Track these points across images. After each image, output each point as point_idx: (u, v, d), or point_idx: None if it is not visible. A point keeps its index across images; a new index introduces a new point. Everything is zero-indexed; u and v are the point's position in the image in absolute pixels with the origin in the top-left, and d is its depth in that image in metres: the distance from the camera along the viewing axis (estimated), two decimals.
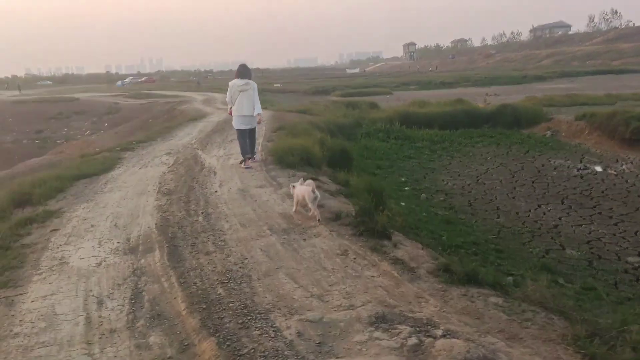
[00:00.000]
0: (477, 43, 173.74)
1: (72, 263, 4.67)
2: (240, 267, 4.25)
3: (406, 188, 10.81)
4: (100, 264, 4.60)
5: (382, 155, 14.18)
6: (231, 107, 8.73)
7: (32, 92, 64.41)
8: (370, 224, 4.88)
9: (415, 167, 13.29)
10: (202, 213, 5.94)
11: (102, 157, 10.28)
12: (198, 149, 10.99)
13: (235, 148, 10.31)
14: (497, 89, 41.35)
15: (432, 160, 14.08)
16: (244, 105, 8.53)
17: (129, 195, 7.11)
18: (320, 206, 5.64)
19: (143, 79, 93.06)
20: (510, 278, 4.81)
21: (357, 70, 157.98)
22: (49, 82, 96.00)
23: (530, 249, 7.03)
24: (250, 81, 8.65)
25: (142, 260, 4.62)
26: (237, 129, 8.75)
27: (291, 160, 8.33)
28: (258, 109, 8.57)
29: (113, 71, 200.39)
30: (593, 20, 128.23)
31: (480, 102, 22.68)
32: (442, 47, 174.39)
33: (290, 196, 5.88)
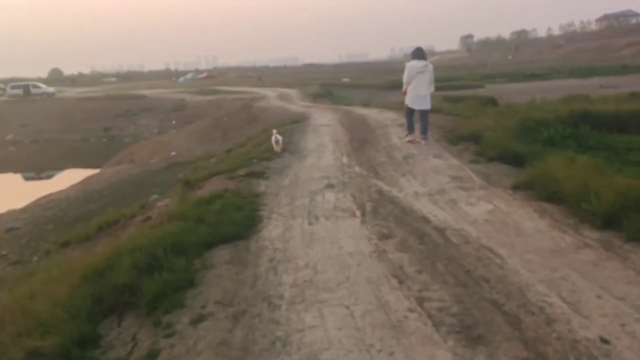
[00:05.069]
0: (541, 33, 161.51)
1: None
2: None
3: None
4: None
5: None
6: (406, 87, 9.11)
7: (99, 88, 63.35)
8: None
9: None
10: None
11: (227, 193, 6.34)
12: (369, 176, 6.89)
13: (436, 179, 6.30)
14: (606, 81, 35.30)
15: None
16: (422, 86, 8.96)
17: (367, 329, 3.02)
18: None
19: (204, 75, 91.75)
20: None
21: None
22: (114, 79, 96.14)
23: None
24: (428, 63, 9.17)
25: None
26: (409, 107, 9.17)
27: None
28: (432, 88, 9.17)
29: (172, 68, 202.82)
30: None
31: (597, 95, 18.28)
32: (504, 39, 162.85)
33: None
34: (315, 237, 4.70)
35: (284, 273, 3.97)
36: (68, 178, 21.25)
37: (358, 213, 5.31)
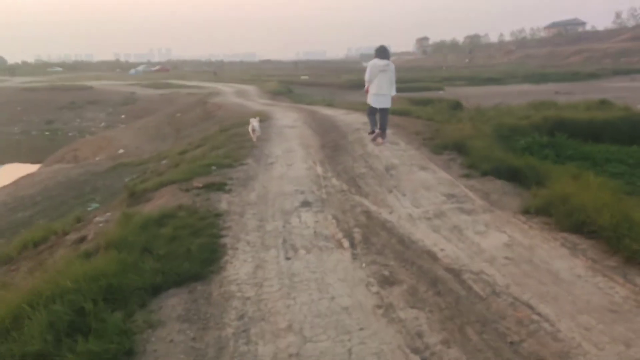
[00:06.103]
0: (493, 39, 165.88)
1: None
2: None
3: None
4: None
5: None
6: (368, 86, 8.99)
7: (43, 78, 59.59)
8: None
9: None
10: None
11: (181, 212, 5.19)
12: (351, 192, 5.90)
13: (429, 197, 5.40)
14: (560, 87, 35.95)
15: None
16: (384, 85, 8.83)
17: None
18: None
19: (157, 68, 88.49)
20: None
21: None
22: (60, 69, 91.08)
23: None
24: (390, 62, 8.94)
25: None
26: (371, 106, 9.05)
27: None
28: (394, 90, 8.95)
29: (122, 59, 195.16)
30: (620, 17, 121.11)
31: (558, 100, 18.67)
32: (459, 43, 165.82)
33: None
34: (297, 279, 3.66)
35: (259, 340, 2.91)
36: (7, 173, 19.34)
37: (346, 243, 4.31)
